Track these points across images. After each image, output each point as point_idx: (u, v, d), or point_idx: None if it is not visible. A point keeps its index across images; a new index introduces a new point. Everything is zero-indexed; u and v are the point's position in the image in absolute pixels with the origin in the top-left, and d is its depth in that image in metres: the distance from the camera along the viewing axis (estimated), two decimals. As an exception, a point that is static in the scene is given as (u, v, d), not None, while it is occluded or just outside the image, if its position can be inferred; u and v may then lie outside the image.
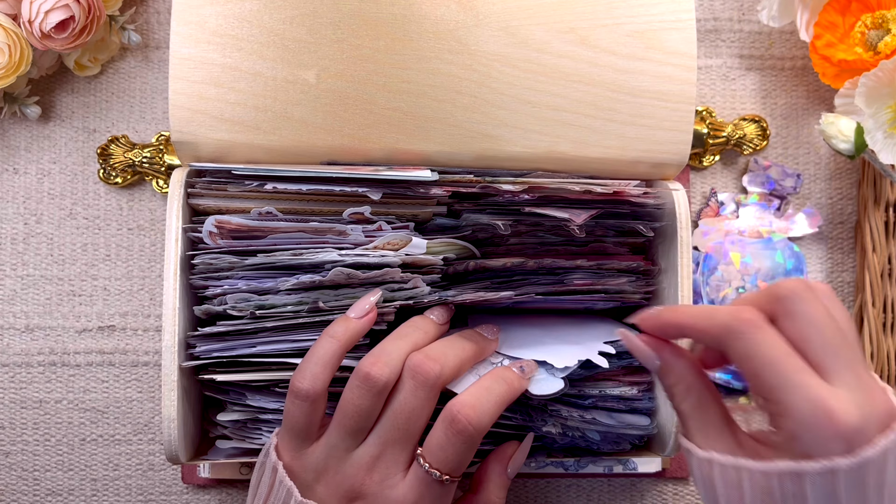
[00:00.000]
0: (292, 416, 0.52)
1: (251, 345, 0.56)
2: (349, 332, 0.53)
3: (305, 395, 0.51)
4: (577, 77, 0.59)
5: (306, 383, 0.51)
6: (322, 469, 0.52)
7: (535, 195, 0.57)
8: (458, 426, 0.50)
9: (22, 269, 0.73)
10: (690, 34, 0.60)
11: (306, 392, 0.51)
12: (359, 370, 0.51)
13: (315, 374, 0.51)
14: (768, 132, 0.75)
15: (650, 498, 0.75)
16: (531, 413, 0.58)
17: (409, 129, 0.58)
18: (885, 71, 0.64)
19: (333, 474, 0.52)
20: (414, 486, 0.51)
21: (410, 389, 0.51)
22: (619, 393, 0.60)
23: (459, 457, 0.51)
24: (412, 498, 0.51)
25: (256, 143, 0.57)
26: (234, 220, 0.55)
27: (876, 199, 0.74)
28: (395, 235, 0.56)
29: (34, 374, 0.73)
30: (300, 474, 0.52)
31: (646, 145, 0.59)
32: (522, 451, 0.58)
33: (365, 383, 0.51)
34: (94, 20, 0.67)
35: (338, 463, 0.52)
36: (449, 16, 0.58)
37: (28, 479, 0.73)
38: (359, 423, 0.51)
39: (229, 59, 0.56)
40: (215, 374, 0.56)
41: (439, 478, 0.51)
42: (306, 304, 0.55)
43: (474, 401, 0.51)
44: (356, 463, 0.52)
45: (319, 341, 0.52)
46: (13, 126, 0.73)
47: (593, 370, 0.58)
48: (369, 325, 0.54)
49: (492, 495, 0.57)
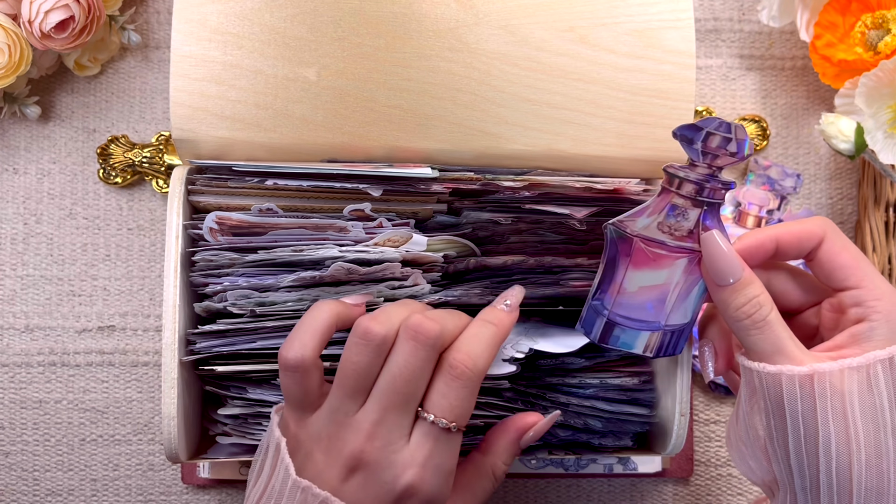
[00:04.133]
0: (287, 388, 0.51)
1: (251, 340, 0.55)
2: (340, 308, 0.52)
3: (295, 366, 0.50)
4: (577, 75, 0.59)
5: (294, 352, 0.50)
6: (324, 436, 0.51)
7: (536, 192, 0.57)
8: (456, 371, 0.50)
9: (22, 269, 0.73)
10: (689, 33, 0.60)
11: (295, 362, 0.50)
12: (357, 326, 0.50)
13: (304, 343, 0.50)
14: (768, 132, 0.75)
15: (650, 498, 0.74)
16: (532, 401, 0.58)
17: (410, 127, 0.58)
18: (885, 71, 0.64)
19: (335, 440, 0.50)
20: (421, 444, 0.50)
21: (410, 350, 0.50)
22: (620, 383, 0.60)
23: (463, 402, 0.51)
24: (420, 456, 0.50)
25: (257, 141, 0.57)
26: (234, 217, 0.55)
27: (876, 199, 0.74)
28: (395, 232, 0.56)
29: (34, 374, 0.73)
30: (304, 442, 0.51)
31: (645, 143, 0.60)
32: (543, 424, 0.56)
33: (363, 338, 0.49)
34: (94, 20, 0.67)
35: (338, 429, 0.50)
36: (449, 14, 0.58)
37: (28, 479, 0.73)
38: (358, 383, 0.50)
39: (230, 57, 0.57)
40: (215, 365, 0.56)
41: (446, 426, 0.50)
42: (307, 302, 0.55)
43: (467, 346, 0.51)
44: (356, 429, 0.50)
45: (309, 312, 0.51)
46: (13, 126, 0.73)
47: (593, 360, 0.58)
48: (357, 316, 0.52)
49: (499, 460, 0.56)
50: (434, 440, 0.50)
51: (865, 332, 0.48)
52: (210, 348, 0.56)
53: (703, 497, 0.75)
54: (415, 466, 0.50)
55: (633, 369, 0.60)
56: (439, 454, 0.51)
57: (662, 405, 0.60)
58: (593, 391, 0.59)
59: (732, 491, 0.75)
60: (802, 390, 0.47)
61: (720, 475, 0.75)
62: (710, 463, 0.75)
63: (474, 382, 0.51)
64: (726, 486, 0.75)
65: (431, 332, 0.50)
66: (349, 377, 0.50)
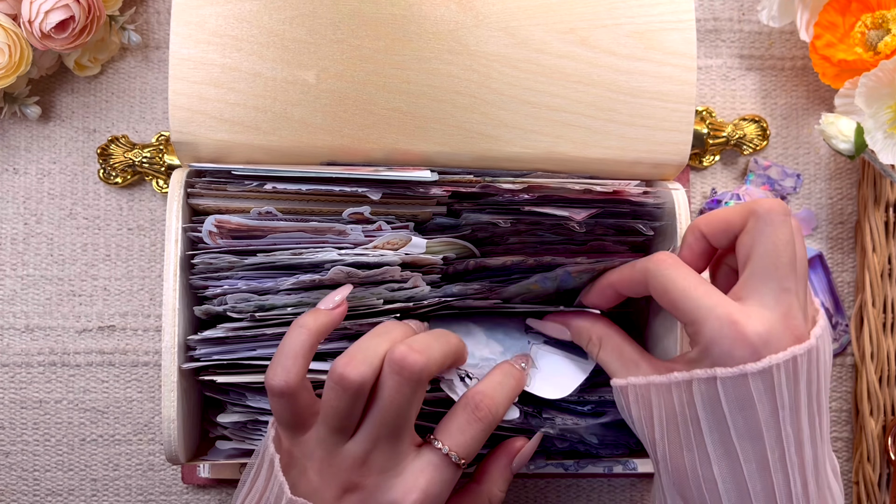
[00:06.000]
0: (277, 412, 0.51)
1: (251, 348, 0.55)
2: (318, 322, 0.51)
3: (280, 392, 0.49)
4: (577, 77, 0.59)
5: (278, 379, 0.49)
6: (316, 458, 0.51)
7: (535, 195, 0.57)
8: (481, 413, 0.52)
9: (22, 269, 0.73)
10: (690, 34, 0.60)
11: (280, 388, 0.49)
12: (333, 371, 0.49)
13: (287, 368, 0.49)
14: (768, 132, 0.75)
15: (650, 498, 0.75)
16: (527, 417, 0.59)
17: (409, 130, 0.58)
18: (885, 71, 0.64)
19: (328, 465, 0.51)
20: (425, 471, 0.51)
21: (395, 386, 0.49)
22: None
23: (477, 442, 0.52)
24: (423, 482, 0.50)
25: (256, 144, 0.57)
26: (233, 220, 0.55)
27: (876, 199, 0.74)
28: (394, 235, 0.56)
29: (34, 374, 0.73)
30: (299, 460, 0.52)
31: (646, 146, 0.59)
32: (530, 447, 0.58)
33: (339, 384, 0.49)
34: (94, 20, 0.67)
35: (330, 455, 0.51)
36: (448, 16, 0.58)
37: (28, 479, 0.73)
38: (341, 423, 0.50)
39: (229, 60, 0.56)
40: (215, 375, 0.56)
41: (457, 460, 0.51)
42: (307, 305, 0.55)
43: (491, 391, 0.53)
44: (348, 457, 0.50)
45: (289, 333, 0.51)
46: (13, 126, 0.73)
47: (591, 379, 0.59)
48: (340, 318, 0.52)
49: (494, 487, 0.56)
50: (439, 470, 0.51)
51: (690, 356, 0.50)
52: (210, 355, 0.56)
53: (702, 497, 0.75)
54: (417, 492, 0.50)
55: None
56: (439, 483, 0.51)
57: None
58: (591, 407, 0.59)
59: (732, 491, 0.75)
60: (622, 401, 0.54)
61: (719, 475, 0.75)
62: (709, 463, 0.75)
63: (492, 427, 0.53)
64: (725, 486, 0.75)
65: (416, 365, 0.49)
66: (332, 418, 0.50)
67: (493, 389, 0.53)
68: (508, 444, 0.58)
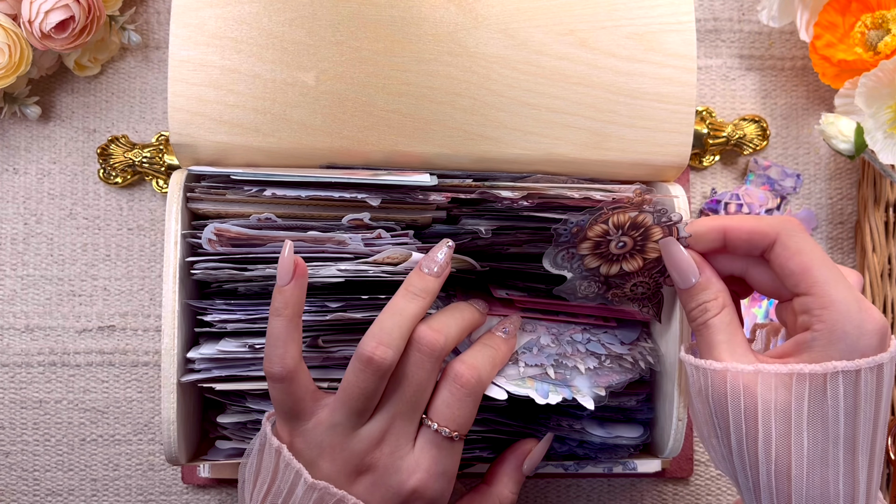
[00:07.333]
0: (278, 400, 0.52)
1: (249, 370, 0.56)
2: (289, 302, 0.51)
3: (280, 377, 0.51)
4: (577, 79, 0.59)
5: (275, 366, 0.51)
6: (326, 445, 0.52)
7: (534, 201, 0.56)
8: (462, 381, 0.52)
9: (22, 269, 0.73)
10: (690, 36, 0.59)
11: (280, 373, 0.51)
12: (361, 353, 0.51)
13: (281, 355, 0.50)
14: (768, 132, 0.75)
15: (650, 498, 0.75)
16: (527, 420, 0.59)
17: (409, 132, 0.58)
18: (885, 71, 0.64)
19: (340, 451, 0.52)
20: (425, 450, 0.52)
21: (417, 362, 0.52)
22: (618, 403, 0.60)
23: (465, 412, 0.53)
24: (425, 462, 0.52)
25: (255, 146, 0.57)
26: (233, 229, 0.54)
27: (876, 199, 0.74)
28: (394, 251, 0.55)
29: (34, 374, 0.73)
30: (303, 451, 0.52)
31: (646, 147, 0.59)
32: (540, 449, 0.58)
33: (369, 366, 0.50)
34: (94, 20, 0.67)
35: (343, 439, 0.52)
36: (448, 18, 0.58)
37: (28, 479, 0.73)
38: (365, 404, 0.51)
39: (228, 62, 0.56)
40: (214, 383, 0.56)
41: (449, 434, 0.52)
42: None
43: (471, 359, 0.53)
44: (365, 438, 0.52)
45: (270, 322, 0.51)
46: (13, 126, 0.73)
47: None
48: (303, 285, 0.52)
49: (505, 489, 0.57)
50: (437, 447, 0.52)
51: (807, 341, 0.48)
52: (209, 369, 0.56)
53: (702, 497, 0.75)
54: (420, 472, 0.52)
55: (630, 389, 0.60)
56: (443, 460, 0.53)
57: (660, 419, 0.61)
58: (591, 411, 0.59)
59: (732, 491, 0.75)
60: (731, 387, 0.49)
61: (720, 475, 0.75)
62: (709, 463, 0.75)
63: (477, 394, 0.53)
64: (726, 486, 0.75)
65: (437, 344, 0.52)
66: (356, 399, 0.51)
67: (472, 358, 0.53)
68: (519, 446, 0.59)
